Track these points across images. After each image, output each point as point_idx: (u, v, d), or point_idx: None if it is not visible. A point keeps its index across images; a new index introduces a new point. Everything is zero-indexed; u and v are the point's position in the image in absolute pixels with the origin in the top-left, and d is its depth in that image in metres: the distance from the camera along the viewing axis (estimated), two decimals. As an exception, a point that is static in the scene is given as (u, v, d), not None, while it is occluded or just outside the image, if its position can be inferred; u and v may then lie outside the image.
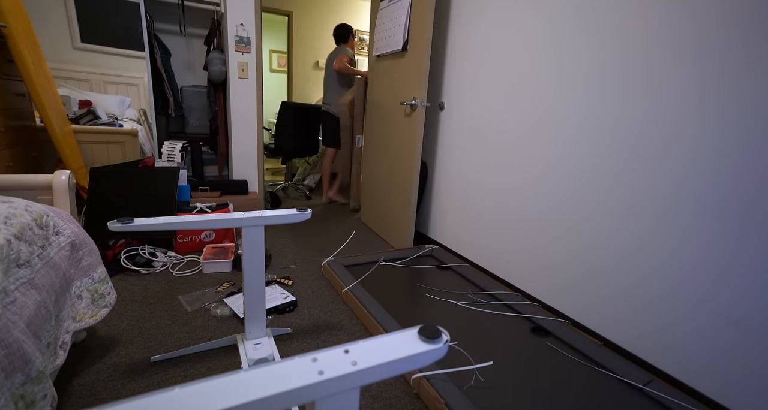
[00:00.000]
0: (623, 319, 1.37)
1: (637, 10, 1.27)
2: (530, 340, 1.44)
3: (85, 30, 3.48)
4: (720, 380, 1.12)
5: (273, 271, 1.95)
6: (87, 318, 1.10)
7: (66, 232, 1.08)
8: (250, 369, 0.39)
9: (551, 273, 1.63)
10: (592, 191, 1.45)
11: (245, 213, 1.09)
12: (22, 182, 1.32)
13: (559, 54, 1.54)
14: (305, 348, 1.36)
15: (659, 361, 1.27)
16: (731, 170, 1.08)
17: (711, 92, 1.11)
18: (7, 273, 0.78)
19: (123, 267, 1.82)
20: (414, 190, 2.19)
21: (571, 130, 1.52)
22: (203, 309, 1.55)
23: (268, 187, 3.66)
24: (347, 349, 0.44)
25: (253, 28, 2.61)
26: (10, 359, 0.70)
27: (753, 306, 1.05)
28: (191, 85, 3.02)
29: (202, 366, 1.23)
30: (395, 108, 2.31)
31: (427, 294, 1.75)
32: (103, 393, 1.09)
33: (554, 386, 1.20)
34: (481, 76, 1.95)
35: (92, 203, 1.96)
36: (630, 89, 1.31)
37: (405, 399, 1.15)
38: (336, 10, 4.30)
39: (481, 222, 2.01)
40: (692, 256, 1.17)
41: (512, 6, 1.74)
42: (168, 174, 2.07)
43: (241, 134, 2.78)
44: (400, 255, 2.14)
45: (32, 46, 2.07)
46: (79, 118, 2.75)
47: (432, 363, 0.58)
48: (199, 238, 2.10)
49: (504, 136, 1.83)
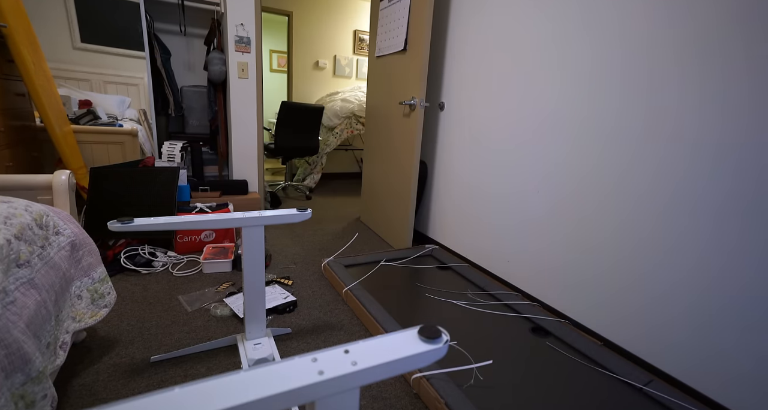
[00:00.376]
0: (623, 319, 1.37)
1: (639, 9, 1.27)
2: (530, 340, 1.44)
3: (85, 30, 3.48)
4: (720, 379, 1.12)
5: (273, 271, 1.95)
6: (87, 318, 1.10)
7: (66, 232, 1.08)
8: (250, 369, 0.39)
9: (551, 273, 1.63)
10: (592, 191, 1.45)
11: (245, 213, 1.09)
12: (22, 182, 1.32)
13: (560, 54, 1.54)
14: (305, 348, 1.36)
15: (659, 361, 1.27)
16: (729, 170, 1.08)
17: (711, 92, 1.11)
18: (7, 273, 0.78)
19: (123, 267, 1.82)
20: (413, 190, 2.19)
21: (572, 130, 1.51)
22: (203, 309, 1.55)
23: (268, 187, 3.66)
24: (347, 349, 0.44)
25: (253, 28, 2.61)
26: (10, 359, 0.70)
27: (753, 305, 1.05)
28: (191, 85, 3.02)
29: (202, 366, 1.23)
30: (395, 108, 2.32)
31: (427, 294, 1.75)
32: (103, 393, 1.09)
33: (554, 386, 1.20)
34: (481, 76, 1.95)
35: (92, 203, 1.96)
36: (631, 89, 1.31)
37: (405, 399, 1.15)
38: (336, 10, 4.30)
39: (480, 222, 2.01)
40: (691, 256, 1.17)
41: (512, 6, 1.74)
42: (168, 174, 2.07)
43: (241, 134, 2.78)
44: (400, 255, 2.14)
45: (32, 46, 2.07)
46: (79, 118, 2.75)
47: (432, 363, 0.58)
48: (199, 238, 2.10)
49: (504, 135, 1.83)
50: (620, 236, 1.36)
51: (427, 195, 2.45)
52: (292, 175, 4.34)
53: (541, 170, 1.65)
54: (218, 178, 3.15)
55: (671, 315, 1.23)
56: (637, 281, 1.32)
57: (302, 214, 1.16)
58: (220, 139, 2.96)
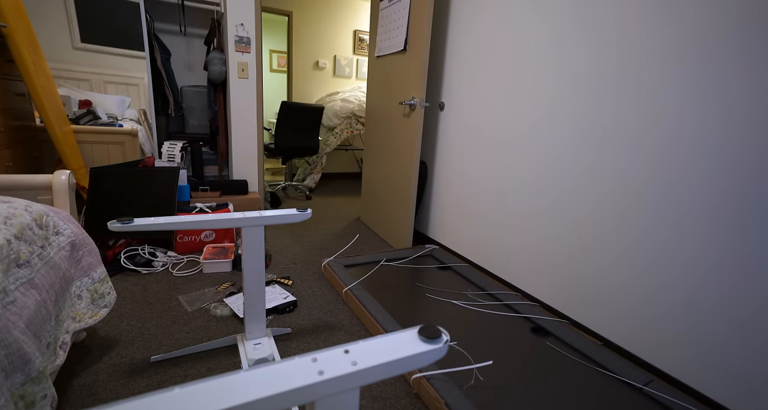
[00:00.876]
0: (623, 319, 1.37)
1: (636, 9, 1.27)
2: (530, 340, 1.44)
3: (85, 30, 3.48)
4: (720, 380, 1.12)
5: (273, 271, 1.95)
6: (87, 318, 1.10)
7: (66, 232, 1.08)
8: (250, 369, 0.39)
9: (551, 273, 1.63)
10: (590, 190, 1.45)
11: (245, 213, 1.09)
12: (22, 182, 1.32)
13: (557, 53, 1.54)
14: (305, 348, 1.36)
15: (659, 361, 1.27)
16: (726, 169, 1.08)
17: (709, 91, 1.11)
18: (7, 273, 0.78)
19: (123, 267, 1.82)
20: (413, 190, 2.19)
21: (570, 129, 1.52)
22: (203, 309, 1.55)
23: (268, 187, 3.66)
24: (347, 349, 0.44)
25: (253, 28, 2.61)
26: (10, 359, 0.70)
27: (752, 306, 1.05)
28: (191, 85, 3.02)
29: (202, 366, 1.22)
30: (395, 108, 2.32)
31: (427, 294, 1.75)
32: (102, 393, 1.09)
33: (554, 386, 1.20)
34: (481, 75, 1.95)
35: (92, 203, 1.96)
36: (628, 88, 1.31)
37: (405, 399, 1.15)
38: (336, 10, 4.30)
39: (480, 222, 2.01)
40: (691, 256, 1.17)
41: (512, 6, 1.74)
42: (168, 174, 2.07)
43: (241, 134, 2.78)
44: (400, 255, 2.14)
45: (32, 46, 2.07)
46: (79, 118, 2.75)
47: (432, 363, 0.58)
48: (199, 238, 2.10)
49: (503, 135, 1.83)
50: (620, 235, 1.36)
51: (427, 195, 2.45)
52: (292, 175, 4.34)
53: (542, 170, 1.65)
54: (218, 178, 3.15)
55: (672, 316, 1.23)
56: (638, 281, 1.32)
57: (302, 214, 1.16)
58: (220, 139, 2.96)
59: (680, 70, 1.18)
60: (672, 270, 1.22)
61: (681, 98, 1.18)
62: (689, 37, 1.15)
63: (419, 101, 2.05)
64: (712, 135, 1.11)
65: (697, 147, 1.14)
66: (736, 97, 1.06)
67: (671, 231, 1.22)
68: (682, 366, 1.20)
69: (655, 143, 1.25)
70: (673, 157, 1.20)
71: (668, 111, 1.21)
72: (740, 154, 1.06)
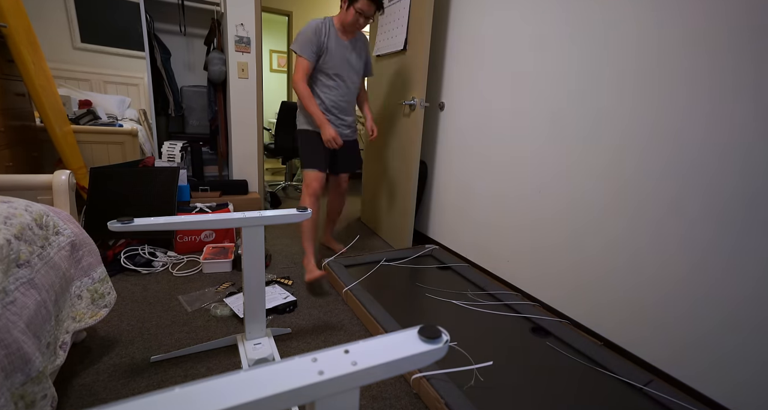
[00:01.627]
0: (623, 319, 1.37)
1: (630, 11, 1.27)
2: (530, 340, 1.44)
3: (85, 30, 3.48)
4: (720, 380, 1.12)
5: (273, 271, 1.95)
6: (87, 318, 1.10)
7: (66, 232, 1.08)
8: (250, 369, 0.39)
9: (551, 273, 1.63)
10: (591, 193, 1.45)
11: (245, 213, 1.09)
12: (22, 182, 1.32)
13: (559, 54, 1.54)
14: (305, 348, 1.36)
15: (659, 361, 1.27)
16: (732, 173, 1.08)
17: (717, 93, 1.11)
18: (7, 273, 0.78)
19: (123, 267, 1.82)
20: (413, 190, 2.19)
21: (572, 130, 1.51)
22: (203, 309, 1.55)
23: (268, 187, 3.66)
24: (347, 349, 0.44)
25: (253, 28, 2.61)
26: (9, 359, 0.70)
27: (753, 306, 1.05)
28: (191, 85, 3.02)
29: (202, 366, 1.22)
30: (395, 108, 2.31)
31: (427, 294, 1.74)
32: (103, 393, 1.09)
33: (554, 386, 1.20)
34: (481, 76, 1.94)
35: (92, 203, 1.96)
36: (629, 89, 1.31)
37: (405, 399, 1.15)
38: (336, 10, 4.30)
39: (480, 222, 2.01)
40: (691, 257, 1.17)
41: (512, 6, 1.74)
42: (168, 174, 2.07)
43: (241, 134, 2.78)
44: (400, 255, 2.13)
45: (32, 46, 2.07)
46: (79, 118, 2.74)
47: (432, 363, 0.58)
48: (199, 238, 2.10)
49: (503, 135, 1.83)
50: (620, 236, 1.36)
51: (427, 195, 2.45)
52: (292, 175, 4.34)
53: (542, 170, 1.65)
54: (218, 178, 3.15)
55: (672, 316, 1.23)
56: (638, 281, 1.32)
57: (302, 214, 1.16)
58: (220, 139, 2.96)
59: (690, 68, 1.17)
60: (678, 274, 1.22)
61: (690, 98, 1.18)
62: (699, 34, 1.15)
63: (419, 101, 2.05)
64: (716, 135, 1.11)
65: (705, 150, 1.14)
66: (745, 98, 1.06)
67: (684, 230, 1.22)
68: (682, 366, 1.20)
69: (664, 147, 1.24)
70: (679, 162, 1.20)
71: (677, 109, 1.21)
72: (750, 154, 1.06)
